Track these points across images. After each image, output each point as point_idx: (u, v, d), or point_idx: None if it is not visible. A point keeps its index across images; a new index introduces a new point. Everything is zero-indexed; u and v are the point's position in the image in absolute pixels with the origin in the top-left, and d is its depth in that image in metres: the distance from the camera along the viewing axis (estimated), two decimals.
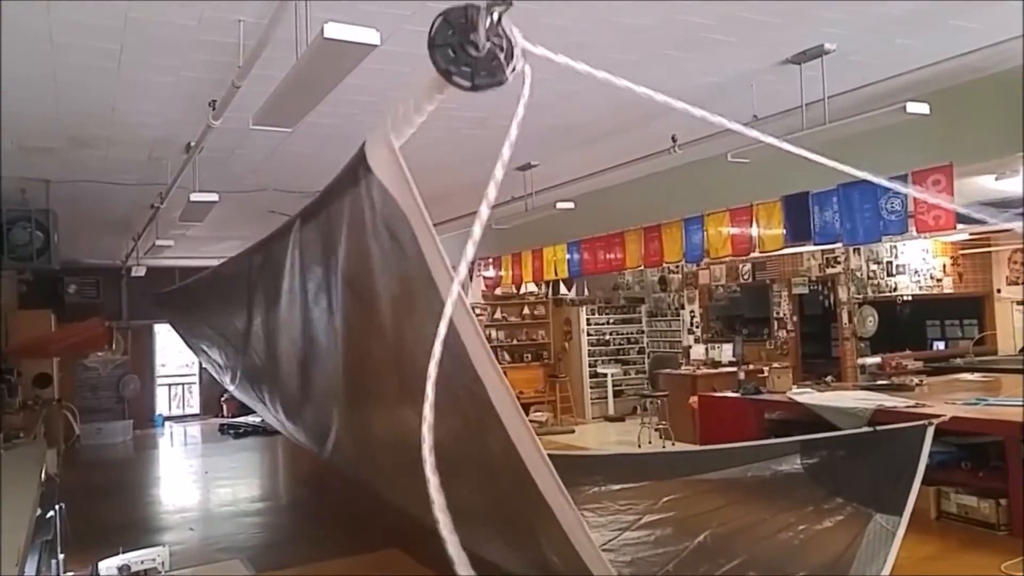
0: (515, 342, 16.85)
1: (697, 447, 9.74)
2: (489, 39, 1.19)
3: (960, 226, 7.51)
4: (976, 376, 10.48)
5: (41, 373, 12.08)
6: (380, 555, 7.27)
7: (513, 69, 1.23)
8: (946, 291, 14.28)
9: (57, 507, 5.51)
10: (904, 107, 5.55)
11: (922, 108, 5.58)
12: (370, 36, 3.60)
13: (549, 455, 2.22)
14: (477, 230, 1.28)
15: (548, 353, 17.04)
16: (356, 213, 2.45)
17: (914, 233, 7.34)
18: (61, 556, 5.71)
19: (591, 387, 16.31)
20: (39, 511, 4.58)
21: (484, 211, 1.27)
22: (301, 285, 3.62)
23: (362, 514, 9.09)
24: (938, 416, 7.33)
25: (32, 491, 4.77)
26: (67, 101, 6.18)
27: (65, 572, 5.87)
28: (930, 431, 5.77)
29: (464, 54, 1.21)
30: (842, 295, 13.08)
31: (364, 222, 2.42)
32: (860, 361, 12.26)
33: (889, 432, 6.24)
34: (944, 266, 14.29)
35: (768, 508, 5.77)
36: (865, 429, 6.61)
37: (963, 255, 14.29)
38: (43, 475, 5.60)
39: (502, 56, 1.21)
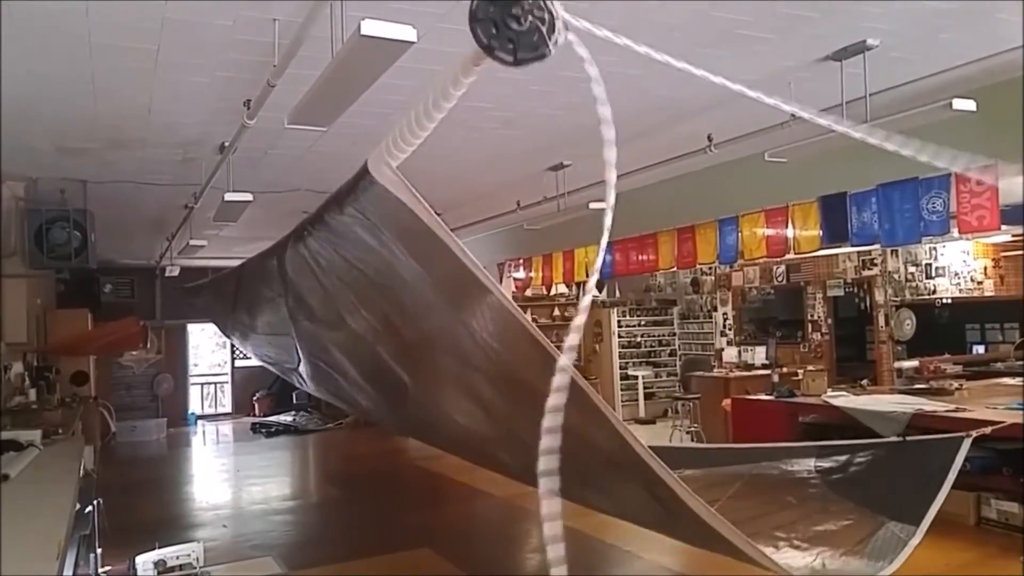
0: None
1: (703, 444, 9.59)
2: (532, 12, 1.17)
3: (1004, 227, 7.37)
4: (1017, 380, 10.28)
5: (78, 371, 12.17)
6: (411, 555, 7.28)
7: (555, 43, 1.21)
8: (987, 294, 14.03)
9: (95, 502, 5.55)
10: (950, 103, 5.43)
11: (968, 105, 5.46)
12: (406, 33, 3.59)
13: None
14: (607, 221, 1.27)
15: (578, 355, 16.95)
16: (363, 219, 2.48)
17: (956, 234, 7.20)
18: (99, 551, 5.76)
19: (622, 389, 16.22)
20: (78, 506, 4.61)
21: (611, 198, 1.25)
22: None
23: (393, 513, 9.11)
24: (979, 425, 7.21)
25: (72, 486, 4.79)
26: (105, 102, 6.24)
27: (103, 566, 5.92)
28: (966, 443, 5.50)
29: (506, 28, 1.19)
30: (879, 297, 12.91)
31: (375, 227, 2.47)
32: (897, 365, 12.08)
33: (919, 443, 5.98)
34: (985, 268, 14.05)
35: (767, 503, 5.54)
36: (893, 439, 6.39)
37: (1005, 257, 14.04)
38: (82, 471, 5.64)
39: (544, 29, 1.19)
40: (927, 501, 4.89)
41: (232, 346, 19.99)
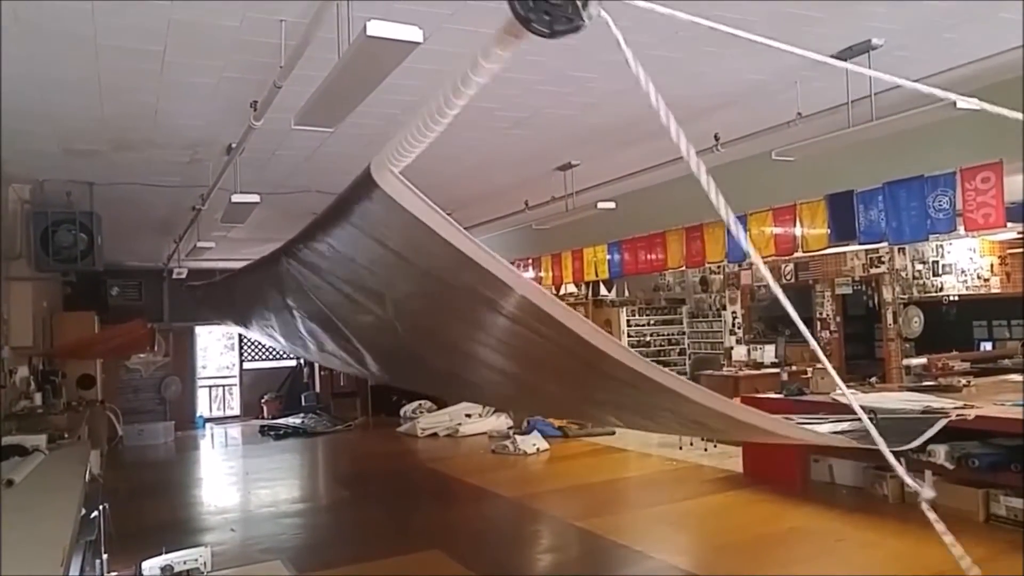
0: None
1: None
2: None
3: (1010, 224, 7.35)
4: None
5: (85, 374, 12.20)
6: (421, 556, 7.26)
7: (590, 16, 1.22)
8: (994, 291, 14.01)
9: (101, 507, 5.54)
10: (954, 103, 5.40)
11: (972, 104, 5.44)
12: (412, 34, 3.58)
13: None
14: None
15: None
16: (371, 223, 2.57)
17: (962, 232, 7.19)
18: (105, 556, 5.74)
19: None
20: (83, 511, 4.60)
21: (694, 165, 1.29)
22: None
23: (403, 515, 9.10)
24: (987, 422, 7.20)
25: (77, 491, 4.78)
26: (112, 104, 6.25)
27: (108, 572, 5.91)
28: (942, 422, 5.30)
29: (542, 1, 1.20)
30: (887, 295, 12.87)
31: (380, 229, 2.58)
32: (905, 362, 12.04)
33: (891, 420, 5.76)
34: (991, 265, 14.03)
35: None
36: (862, 415, 6.07)
37: (1011, 254, 14.01)
38: (87, 475, 5.63)
39: (579, 1, 1.20)
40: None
41: (240, 349, 20.06)
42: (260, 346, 20.56)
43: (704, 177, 1.30)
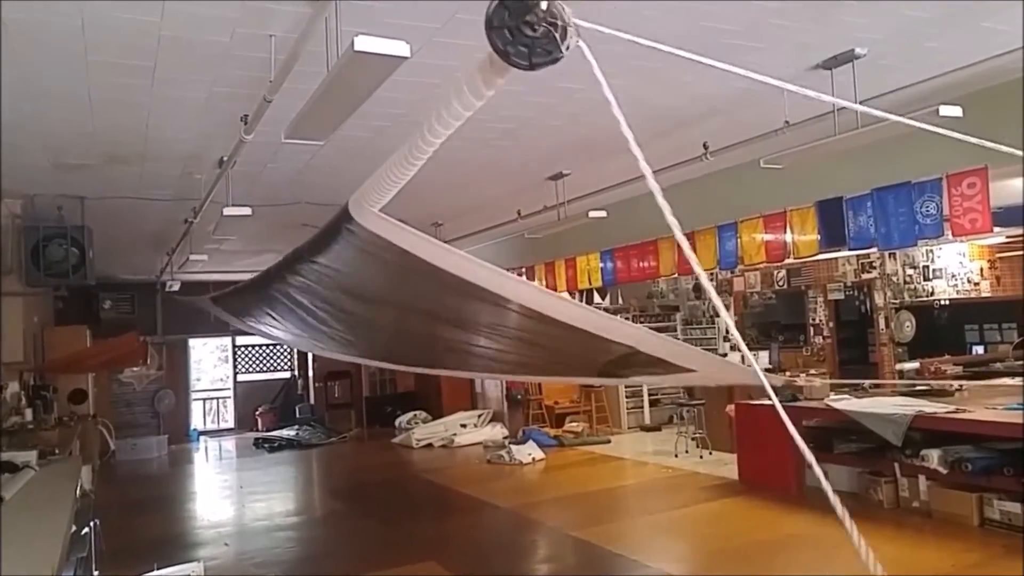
0: None
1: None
2: (544, 19, 1.21)
3: (997, 229, 7.39)
4: (1017, 380, 10.26)
5: (76, 389, 12.13)
6: (416, 568, 7.24)
7: (568, 47, 1.24)
8: (984, 295, 14.05)
9: (92, 523, 5.51)
10: (937, 110, 5.47)
11: (955, 111, 5.51)
12: (400, 48, 3.60)
13: None
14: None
15: None
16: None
17: (950, 237, 7.23)
18: (96, 573, 5.71)
19: (627, 396, 16.15)
20: (74, 527, 4.58)
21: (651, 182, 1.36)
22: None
23: (398, 527, 9.08)
24: (982, 426, 7.25)
25: (67, 507, 4.76)
26: (102, 119, 6.26)
27: None
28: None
29: (520, 35, 1.22)
30: (879, 300, 12.90)
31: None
32: (898, 366, 12.06)
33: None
34: (981, 269, 14.07)
35: None
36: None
37: (1000, 258, 14.06)
38: (78, 491, 5.60)
39: (556, 34, 1.22)
40: None
41: (234, 361, 20.03)
42: (254, 358, 20.54)
43: (660, 198, 1.35)
